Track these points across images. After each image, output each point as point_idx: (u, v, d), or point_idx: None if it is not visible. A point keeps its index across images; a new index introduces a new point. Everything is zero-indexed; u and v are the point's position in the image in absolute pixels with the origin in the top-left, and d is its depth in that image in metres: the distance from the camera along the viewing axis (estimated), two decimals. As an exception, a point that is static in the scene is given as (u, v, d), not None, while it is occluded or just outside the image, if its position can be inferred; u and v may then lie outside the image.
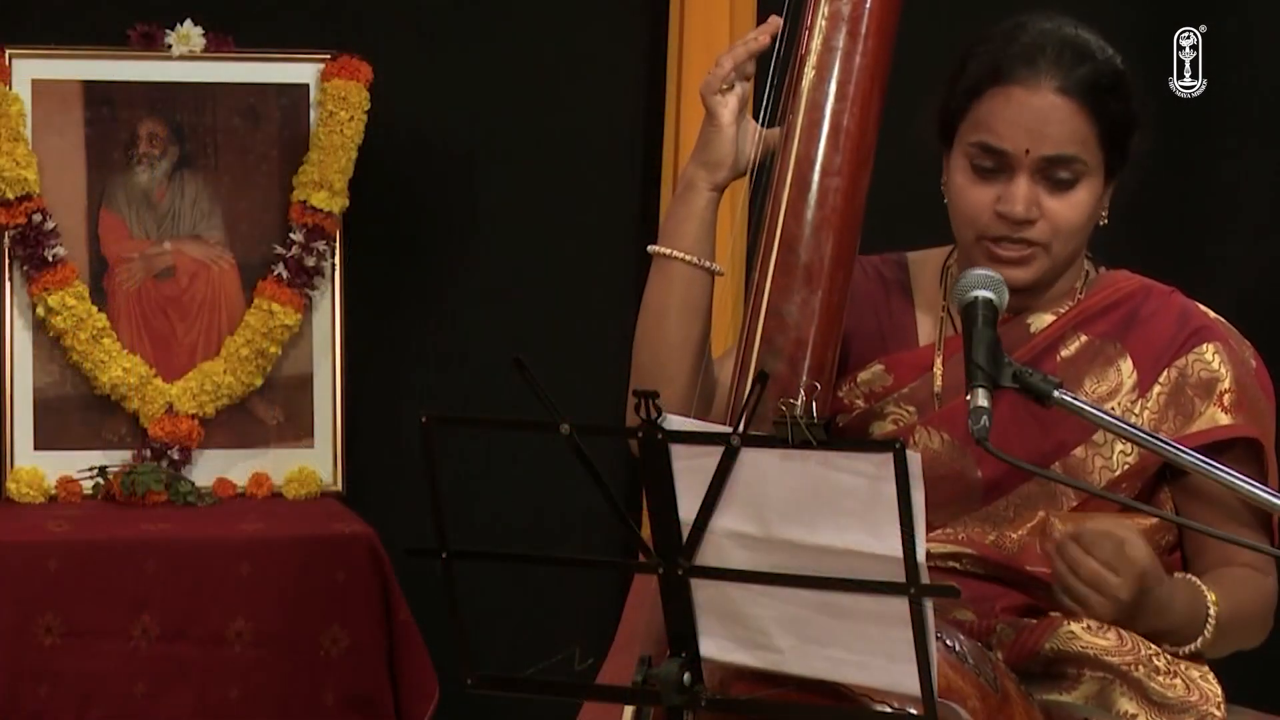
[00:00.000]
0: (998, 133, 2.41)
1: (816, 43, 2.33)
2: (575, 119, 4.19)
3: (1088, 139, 2.42)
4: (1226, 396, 2.45)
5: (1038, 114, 2.40)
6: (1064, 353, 2.48)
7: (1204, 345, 2.47)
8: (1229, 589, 2.39)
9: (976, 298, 2.23)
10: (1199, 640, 2.36)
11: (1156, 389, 2.46)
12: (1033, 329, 2.49)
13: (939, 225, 2.55)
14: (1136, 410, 2.45)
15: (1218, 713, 2.39)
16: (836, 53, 2.32)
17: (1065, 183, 2.42)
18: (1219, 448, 2.44)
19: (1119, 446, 2.43)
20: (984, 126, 2.42)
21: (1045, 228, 2.42)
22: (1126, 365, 2.47)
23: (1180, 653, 2.37)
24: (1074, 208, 2.43)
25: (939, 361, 2.50)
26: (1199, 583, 2.38)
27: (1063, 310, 2.50)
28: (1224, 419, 2.44)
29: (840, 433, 2.50)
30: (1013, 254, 2.43)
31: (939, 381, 2.50)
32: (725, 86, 2.42)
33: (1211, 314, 2.52)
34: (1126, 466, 2.44)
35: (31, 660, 3.46)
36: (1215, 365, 2.46)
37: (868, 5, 2.32)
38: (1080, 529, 2.26)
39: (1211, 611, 2.36)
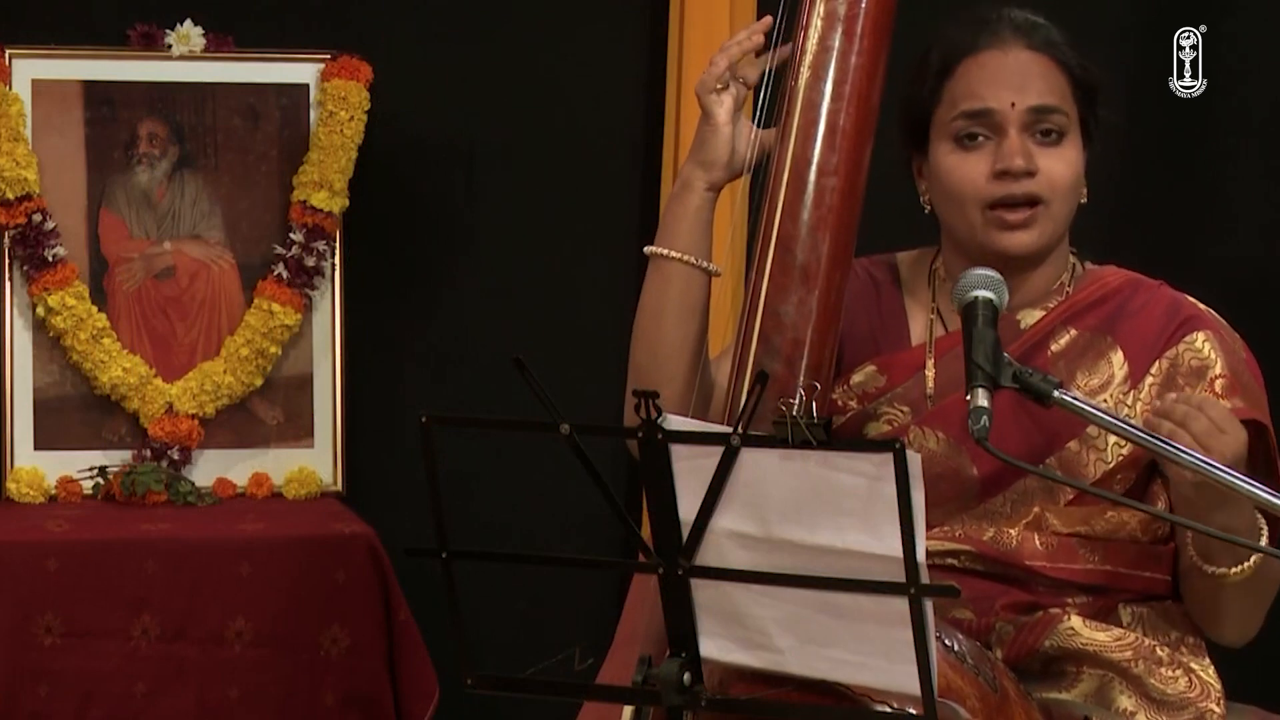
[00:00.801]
0: (980, 95, 2.44)
1: (812, 43, 2.33)
2: (575, 119, 4.19)
3: (1064, 91, 2.46)
4: (1219, 382, 2.45)
5: (1015, 69, 2.44)
6: (1054, 347, 2.48)
7: (1194, 334, 2.48)
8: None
9: (976, 298, 2.23)
10: (1253, 558, 2.35)
11: (1149, 380, 2.46)
12: (1022, 325, 2.49)
13: (936, 224, 2.55)
14: (1129, 401, 2.46)
15: (1217, 708, 2.40)
16: (832, 52, 2.32)
17: (1052, 137, 2.45)
18: None
19: (1112, 439, 2.43)
20: (963, 96, 2.45)
21: (1043, 182, 2.44)
22: (1118, 357, 2.48)
23: (1232, 573, 2.36)
24: (1066, 163, 2.45)
25: (930, 362, 2.51)
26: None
27: (1051, 305, 2.51)
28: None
29: (835, 435, 2.50)
30: (1020, 216, 2.43)
31: (931, 382, 2.50)
32: (720, 85, 2.42)
33: (1201, 305, 2.53)
34: (1121, 458, 2.44)
35: (31, 660, 3.46)
36: (1206, 352, 2.46)
37: (863, 5, 2.32)
38: (1184, 395, 2.30)
39: (1264, 526, 2.36)
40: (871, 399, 2.51)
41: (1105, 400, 2.45)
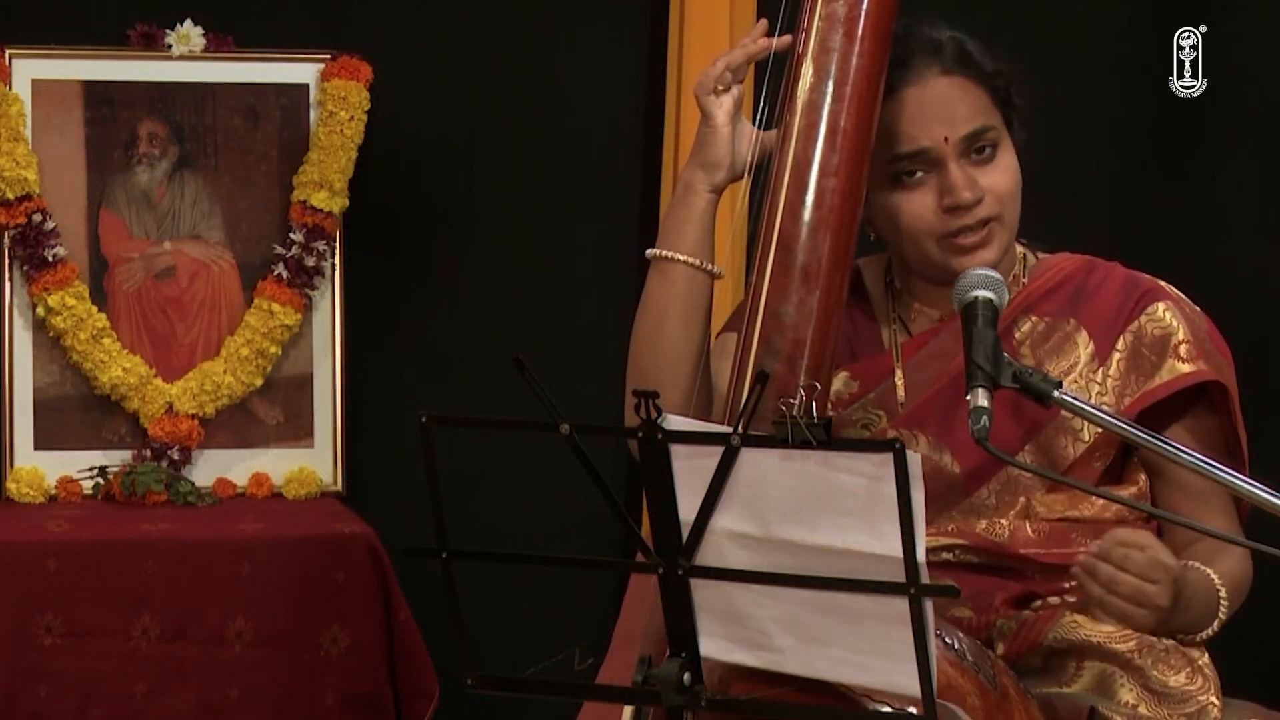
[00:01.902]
0: (910, 136, 2.43)
1: (813, 44, 2.33)
2: (575, 119, 4.19)
3: (987, 105, 2.46)
4: (1183, 347, 2.47)
5: (937, 101, 2.43)
6: (1017, 336, 2.51)
7: (1155, 305, 2.50)
8: (1222, 567, 2.41)
9: (976, 298, 2.23)
10: (1214, 625, 2.38)
11: (1115, 356, 2.48)
12: None
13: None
14: (1098, 379, 2.47)
15: (1216, 700, 2.41)
16: (833, 54, 2.32)
17: (987, 154, 2.45)
18: (1186, 399, 2.47)
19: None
20: (893, 139, 2.43)
21: (991, 201, 2.44)
22: (1082, 337, 2.49)
23: (1198, 640, 2.38)
24: (1006, 172, 2.46)
25: (898, 369, 2.52)
26: (1205, 569, 2.39)
27: (1010, 296, 2.51)
28: (1184, 367, 2.46)
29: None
30: (975, 239, 2.44)
31: (901, 389, 2.51)
32: (719, 87, 2.43)
33: (1160, 281, 2.54)
34: (1097, 435, 2.46)
35: (31, 660, 3.46)
36: (1168, 321, 2.48)
37: (864, 6, 2.32)
38: (1105, 547, 2.26)
39: (1223, 596, 2.38)
40: (846, 405, 2.52)
41: (1075, 381, 2.47)
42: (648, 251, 2.47)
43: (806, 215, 2.29)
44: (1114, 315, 2.50)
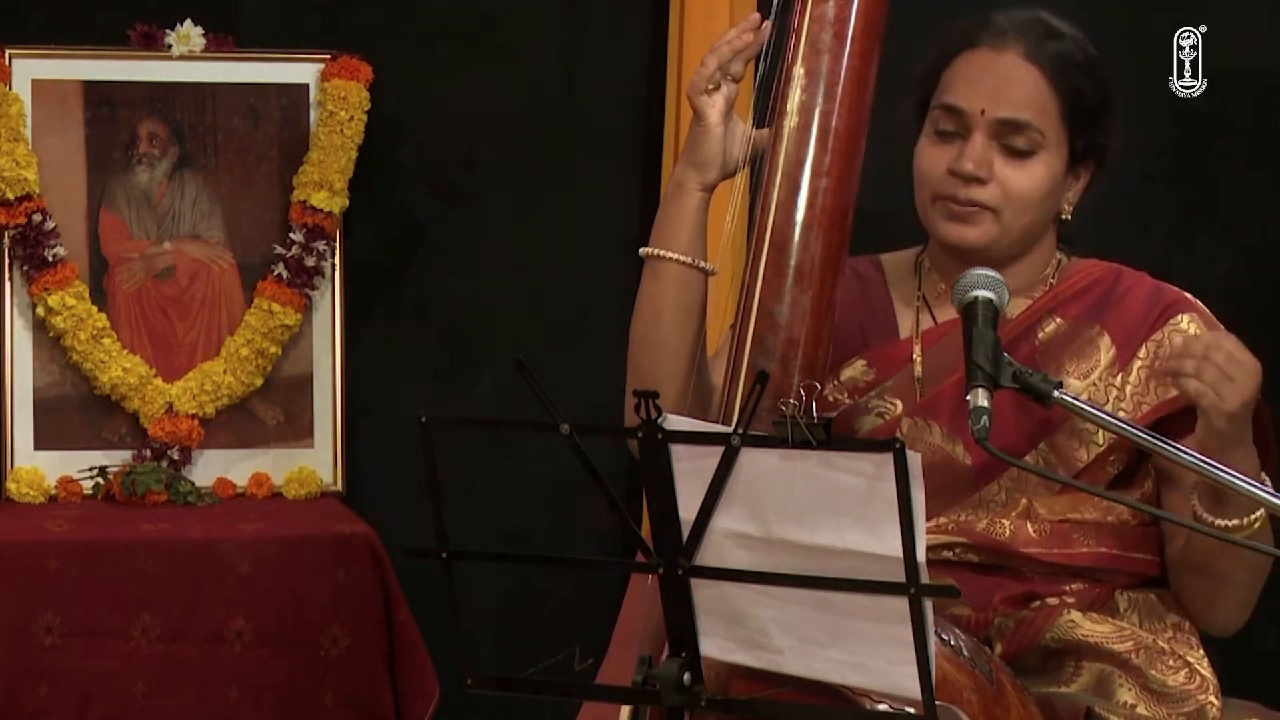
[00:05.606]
0: (957, 91, 2.45)
1: (804, 45, 2.33)
2: (575, 118, 4.19)
3: (1047, 110, 2.45)
4: None
5: (998, 75, 2.44)
6: (1041, 336, 2.50)
7: (1179, 316, 2.50)
8: None
9: (976, 298, 2.24)
10: (1253, 515, 2.33)
11: (1136, 363, 2.48)
12: (1008, 314, 2.50)
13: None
14: (1117, 384, 2.47)
15: (1215, 700, 2.41)
16: (824, 54, 2.32)
17: (1021, 152, 2.45)
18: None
19: None
20: (947, 88, 2.47)
21: (996, 191, 2.44)
22: (1105, 342, 2.49)
23: (1245, 522, 2.33)
24: (1028, 178, 2.45)
25: (917, 351, 2.52)
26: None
27: (1036, 295, 2.52)
28: None
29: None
30: (965, 209, 2.45)
31: (919, 372, 2.51)
32: (711, 86, 2.43)
33: (1186, 293, 2.54)
34: (1111, 439, 2.45)
35: (31, 660, 3.46)
36: (1192, 332, 2.48)
37: (854, 7, 2.32)
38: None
39: (1267, 481, 2.35)
40: (862, 393, 2.52)
41: (1094, 384, 2.47)
42: (641, 250, 2.47)
43: (799, 215, 2.30)
44: (1138, 323, 2.49)
